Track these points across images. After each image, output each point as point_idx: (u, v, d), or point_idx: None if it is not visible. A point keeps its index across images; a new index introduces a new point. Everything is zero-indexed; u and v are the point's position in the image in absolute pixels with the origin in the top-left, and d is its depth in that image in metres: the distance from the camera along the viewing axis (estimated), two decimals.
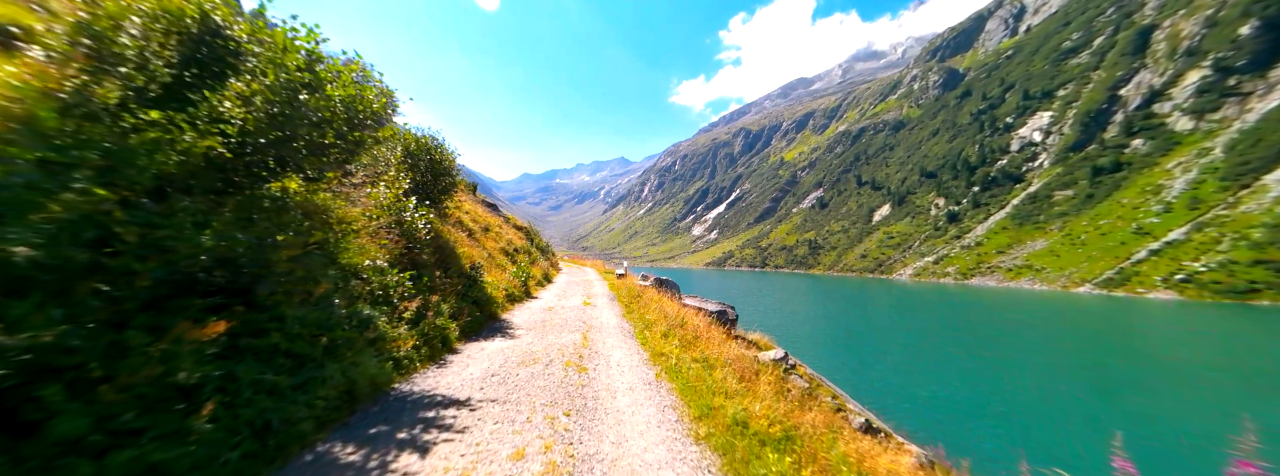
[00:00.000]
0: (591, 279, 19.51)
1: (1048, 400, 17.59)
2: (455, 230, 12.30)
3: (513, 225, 23.40)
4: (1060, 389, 19.35)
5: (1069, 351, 28.17)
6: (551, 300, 12.08)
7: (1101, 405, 17.06)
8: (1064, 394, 18.44)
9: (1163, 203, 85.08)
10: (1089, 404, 17.07)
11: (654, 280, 14.13)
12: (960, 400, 17.39)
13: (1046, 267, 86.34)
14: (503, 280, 11.18)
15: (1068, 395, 18.29)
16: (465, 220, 14.22)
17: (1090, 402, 17.28)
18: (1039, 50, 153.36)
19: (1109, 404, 17.31)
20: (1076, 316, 46.78)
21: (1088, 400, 17.58)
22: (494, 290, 9.82)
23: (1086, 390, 19.15)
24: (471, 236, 13.52)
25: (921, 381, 19.80)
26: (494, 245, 15.01)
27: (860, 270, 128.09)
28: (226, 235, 3.74)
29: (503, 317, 9.07)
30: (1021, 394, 18.45)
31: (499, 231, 17.70)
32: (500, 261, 13.62)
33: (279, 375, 3.47)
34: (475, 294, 8.64)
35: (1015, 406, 16.68)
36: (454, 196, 12.07)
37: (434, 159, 9.98)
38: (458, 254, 9.85)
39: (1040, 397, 17.90)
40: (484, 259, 12.19)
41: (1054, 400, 17.62)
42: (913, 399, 17.14)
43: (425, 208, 8.07)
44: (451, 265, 8.90)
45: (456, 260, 9.40)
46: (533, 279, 14.11)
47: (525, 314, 9.69)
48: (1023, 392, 18.65)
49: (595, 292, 13.98)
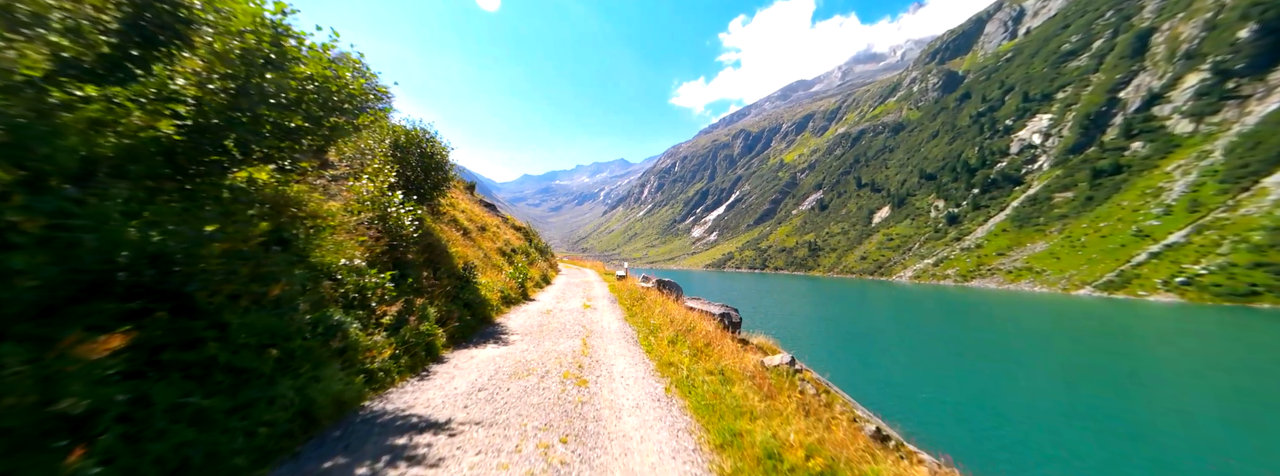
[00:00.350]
0: (591, 280, 18.93)
1: (1054, 405, 17.03)
2: (449, 229, 11.73)
3: (511, 225, 22.80)
4: (1065, 394, 18.80)
5: (1084, 356, 27.61)
6: (550, 302, 11.55)
7: (1118, 413, 16.48)
8: (1070, 398, 17.88)
9: (1163, 205, 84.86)
10: (1098, 410, 16.50)
11: (655, 282, 13.64)
12: (963, 404, 16.82)
13: (1047, 270, 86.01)
14: (498, 281, 10.62)
15: (1073, 400, 17.73)
16: (460, 219, 13.69)
17: (1100, 409, 16.71)
18: (1038, 53, 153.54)
19: (1122, 411, 16.75)
20: (1079, 319, 46.30)
21: (1096, 406, 17.01)
22: (488, 292, 9.22)
23: (1093, 395, 18.59)
24: (467, 236, 12.97)
25: (924, 384, 19.23)
26: (490, 245, 14.49)
27: (860, 272, 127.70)
28: (160, 227, 3.12)
29: (497, 321, 8.48)
30: (1026, 398, 17.89)
31: (496, 231, 17.19)
32: (496, 262, 13.11)
33: (212, 397, 2.84)
34: (467, 296, 8.03)
35: (1020, 411, 16.11)
36: (447, 193, 11.42)
37: (425, 152, 9.33)
38: (450, 253, 9.24)
39: (1044, 402, 17.34)
40: (479, 259, 11.61)
41: (1059, 405, 17.06)
42: (915, 401, 16.56)
43: (413, 203, 7.43)
44: (442, 265, 8.29)
45: (448, 260, 8.79)
46: (531, 280, 13.58)
47: (521, 317, 9.14)
48: (1029, 397, 18.08)
49: (595, 294, 13.42)
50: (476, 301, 8.23)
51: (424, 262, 7.55)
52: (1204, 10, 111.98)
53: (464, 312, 7.24)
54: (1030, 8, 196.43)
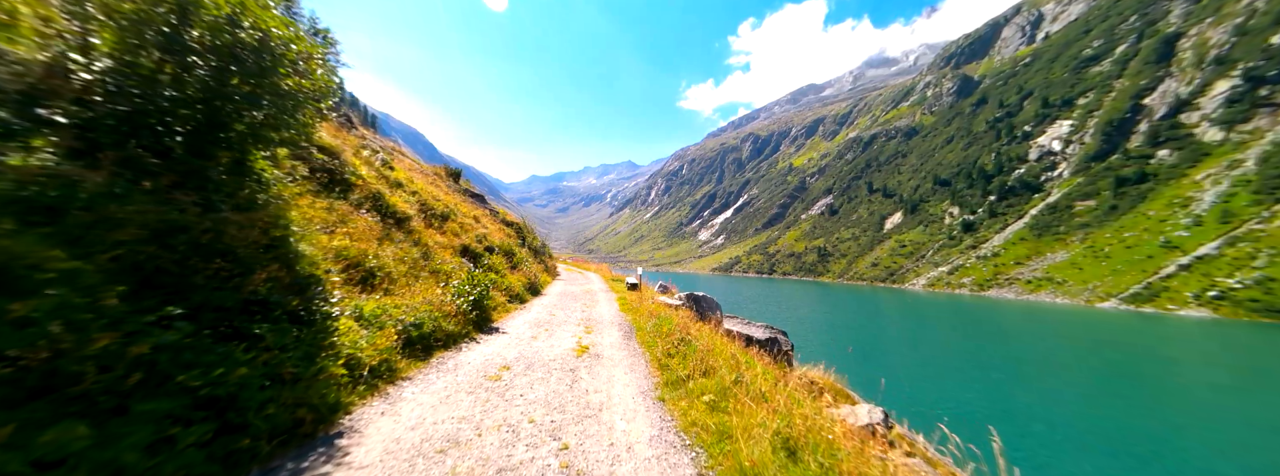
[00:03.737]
0: (594, 290, 15.74)
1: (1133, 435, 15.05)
2: (351, 211, 7.59)
3: (501, 219, 20.15)
4: (1142, 423, 16.78)
5: (1145, 380, 25.43)
6: (521, 336, 7.18)
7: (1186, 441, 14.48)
8: (1150, 428, 15.89)
9: (1192, 216, 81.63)
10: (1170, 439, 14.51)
11: (684, 296, 10.34)
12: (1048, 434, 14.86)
13: (1068, 280, 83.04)
14: (415, 304, 6.12)
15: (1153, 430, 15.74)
16: (398, 201, 9.51)
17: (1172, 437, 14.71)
18: (1058, 58, 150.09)
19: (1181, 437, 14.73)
20: (1114, 334, 43.81)
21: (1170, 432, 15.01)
22: (353, 338, 4.49)
23: (1166, 422, 16.57)
24: (401, 225, 8.89)
25: (980, 407, 17.28)
26: (448, 241, 10.73)
27: (871, 279, 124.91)
28: None
29: (357, 414, 3.81)
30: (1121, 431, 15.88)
31: (466, 222, 13.54)
32: (447, 266, 8.83)
33: None
34: (275, 361, 3.46)
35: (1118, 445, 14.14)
36: (308, 130, 4.47)
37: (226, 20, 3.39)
38: (292, 255, 4.56)
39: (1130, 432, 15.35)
40: (409, 261, 7.58)
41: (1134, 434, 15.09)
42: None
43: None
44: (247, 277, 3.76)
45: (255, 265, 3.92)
46: (506, 293, 10.35)
47: (439, 384, 4.67)
48: (1122, 430, 16.08)
49: (599, 318, 9.22)
50: (304, 370, 3.68)
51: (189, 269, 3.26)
52: (1234, 15, 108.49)
53: (257, 400, 3.05)
54: (1049, 12, 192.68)
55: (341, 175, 8.21)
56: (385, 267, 6.75)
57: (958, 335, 40.35)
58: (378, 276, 6.48)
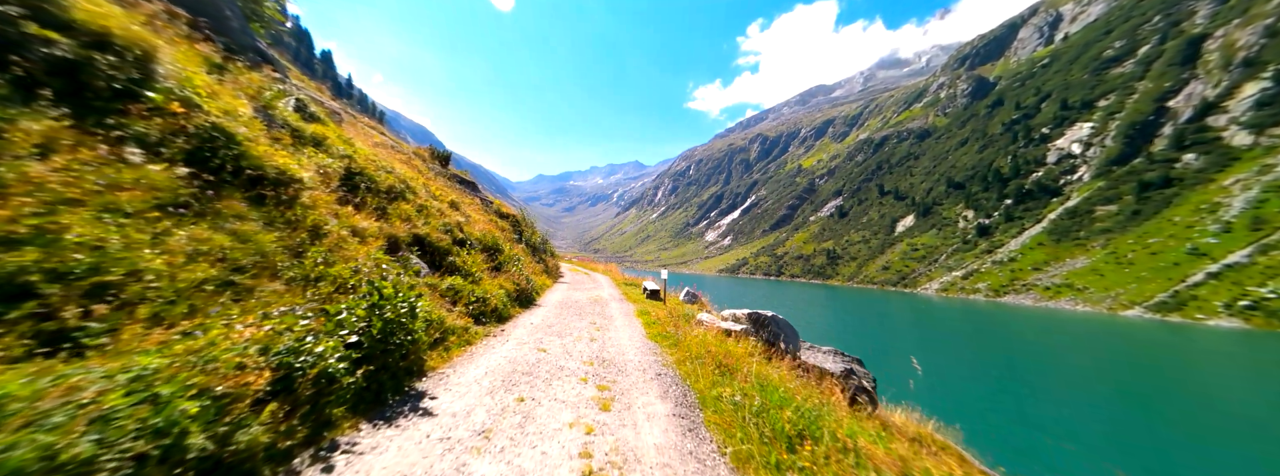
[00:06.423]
0: (604, 298, 12.72)
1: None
2: (111, 149, 3.71)
3: (494, 210, 17.79)
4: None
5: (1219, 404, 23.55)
6: (471, 409, 4.18)
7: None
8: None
9: (1220, 222, 78.70)
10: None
11: (740, 316, 7.10)
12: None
13: (1089, 287, 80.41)
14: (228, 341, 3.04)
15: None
16: (274, 156, 5.51)
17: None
18: (1078, 59, 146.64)
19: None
20: (1157, 346, 41.66)
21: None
22: None
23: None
24: (280, 192, 5.29)
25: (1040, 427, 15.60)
26: (396, 226, 7.79)
27: (881, 282, 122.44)
28: None
29: None
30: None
31: (431, 205, 10.43)
32: (371, 274, 5.34)
33: None
34: None
35: None
36: None
37: None
38: None
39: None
40: (250, 258, 4.05)
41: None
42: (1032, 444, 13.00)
43: None
44: None
45: None
46: (476, 309, 7.83)
47: None
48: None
49: (618, 361, 6.03)
50: None
51: None
52: (1263, 16, 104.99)
53: None
54: (1068, 13, 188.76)
55: (108, 83, 4.05)
56: (145, 273, 3.13)
57: (1027, 354, 38.46)
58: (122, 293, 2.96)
